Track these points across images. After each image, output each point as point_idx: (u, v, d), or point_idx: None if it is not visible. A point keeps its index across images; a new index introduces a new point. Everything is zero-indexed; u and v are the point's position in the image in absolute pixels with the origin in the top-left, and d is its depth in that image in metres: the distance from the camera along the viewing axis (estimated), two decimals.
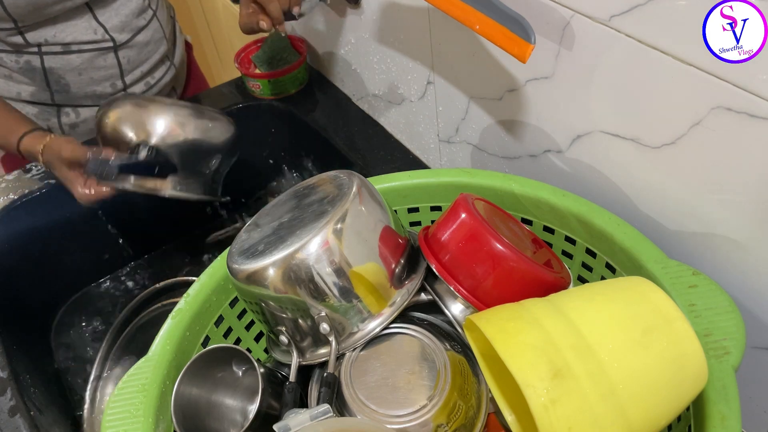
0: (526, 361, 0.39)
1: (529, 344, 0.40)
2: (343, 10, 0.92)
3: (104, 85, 0.98)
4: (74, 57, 0.93)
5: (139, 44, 0.99)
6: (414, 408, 0.48)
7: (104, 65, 0.96)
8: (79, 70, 0.94)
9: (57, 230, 0.93)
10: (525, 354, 0.40)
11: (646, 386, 0.39)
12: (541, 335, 0.41)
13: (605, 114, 0.55)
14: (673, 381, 0.39)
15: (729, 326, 0.45)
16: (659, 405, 0.39)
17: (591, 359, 0.39)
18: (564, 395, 0.38)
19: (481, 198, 0.58)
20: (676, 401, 0.40)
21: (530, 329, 0.41)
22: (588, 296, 0.44)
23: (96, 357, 0.86)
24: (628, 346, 0.39)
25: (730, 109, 0.44)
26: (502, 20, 0.52)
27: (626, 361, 0.39)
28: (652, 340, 0.39)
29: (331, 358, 0.52)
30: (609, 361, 0.39)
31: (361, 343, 0.53)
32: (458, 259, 0.52)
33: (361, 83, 1.00)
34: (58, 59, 0.92)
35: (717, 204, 0.50)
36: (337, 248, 0.50)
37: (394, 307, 0.53)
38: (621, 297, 0.43)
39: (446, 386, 0.49)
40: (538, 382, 0.38)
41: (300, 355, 0.54)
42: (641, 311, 0.41)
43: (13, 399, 0.66)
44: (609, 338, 0.40)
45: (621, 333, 0.40)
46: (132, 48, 0.98)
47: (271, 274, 0.50)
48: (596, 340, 0.39)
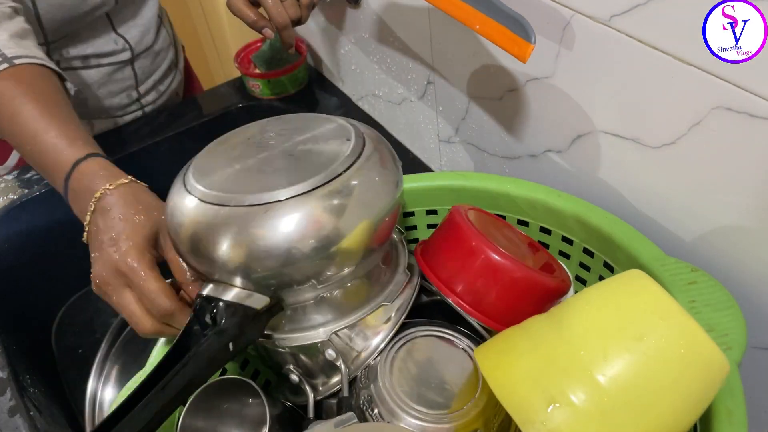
0: (520, 397, 0.39)
1: (523, 377, 0.40)
2: (343, 10, 0.92)
3: (121, 97, 0.99)
4: (93, 72, 0.93)
5: (153, 53, 0.99)
6: (453, 408, 0.47)
7: (122, 77, 0.97)
8: (99, 84, 0.94)
9: (57, 230, 0.93)
10: (518, 390, 0.40)
11: (650, 392, 0.37)
12: (537, 363, 0.40)
13: (605, 114, 0.55)
14: (681, 380, 0.38)
15: (729, 322, 0.45)
16: (672, 407, 0.37)
17: (585, 378, 0.38)
18: (562, 423, 0.37)
19: (473, 207, 0.57)
20: (692, 399, 0.38)
21: (525, 359, 0.41)
22: (583, 306, 0.42)
23: (96, 357, 0.86)
24: (624, 356, 0.38)
25: (730, 109, 0.44)
26: (502, 20, 0.52)
27: (623, 372, 0.37)
28: (648, 344, 0.38)
29: (344, 382, 0.50)
30: (606, 376, 0.37)
31: (371, 362, 0.51)
32: (457, 273, 0.51)
33: (361, 83, 1.00)
34: (76, 74, 0.91)
35: (717, 204, 0.50)
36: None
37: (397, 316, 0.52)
38: (613, 302, 0.41)
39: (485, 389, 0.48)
40: (534, 415, 0.38)
41: (313, 390, 0.53)
42: (634, 314, 0.40)
43: (13, 399, 0.66)
44: (603, 351, 0.38)
45: (615, 342, 0.39)
46: (147, 57, 0.98)
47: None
48: (591, 355, 0.38)
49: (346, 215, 0.43)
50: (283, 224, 0.42)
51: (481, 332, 0.52)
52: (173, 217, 0.45)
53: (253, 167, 0.46)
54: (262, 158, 0.47)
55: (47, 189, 0.91)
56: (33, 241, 0.91)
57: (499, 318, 0.50)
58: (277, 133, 0.51)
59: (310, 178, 0.43)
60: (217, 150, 0.50)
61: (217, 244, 0.43)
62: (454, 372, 0.50)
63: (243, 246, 0.42)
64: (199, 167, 0.48)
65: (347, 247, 0.44)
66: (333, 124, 0.51)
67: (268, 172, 0.45)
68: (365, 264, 0.48)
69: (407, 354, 0.51)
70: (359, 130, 0.50)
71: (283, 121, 0.53)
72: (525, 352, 0.42)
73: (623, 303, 0.41)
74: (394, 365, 0.50)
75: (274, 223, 0.42)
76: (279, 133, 0.50)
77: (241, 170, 0.46)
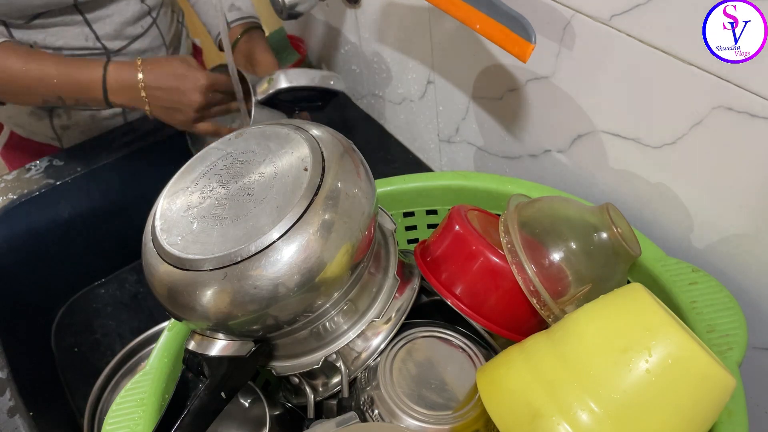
0: (506, 409, 0.40)
1: (511, 389, 0.40)
2: (343, 9, 0.92)
3: None
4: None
5: (134, 52, 0.97)
6: (454, 409, 0.47)
7: None
8: None
9: (57, 230, 0.93)
10: (505, 401, 0.40)
11: (636, 408, 0.36)
12: (526, 376, 0.40)
13: (606, 114, 0.55)
14: (675, 397, 0.36)
15: (730, 322, 0.45)
16: (661, 424, 0.36)
17: (572, 393, 0.37)
18: None
19: (474, 207, 0.57)
20: (685, 417, 0.37)
21: (516, 372, 0.41)
22: (579, 322, 0.42)
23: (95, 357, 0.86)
24: (612, 371, 0.37)
25: (730, 108, 0.44)
26: (502, 20, 0.52)
27: (610, 388, 0.37)
28: (637, 361, 0.37)
29: (344, 383, 0.50)
30: (593, 391, 0.37)
31: (371, 363, 0.51)
32: (457, 275, 0.51)
33: (361, 83, 1.00)
34: None
35: (718, 203, 0.50)
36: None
37: (397, 317, 0.52)
38: (608, 318, 0.41)
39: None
40: (518, 428, 0.38)
41: (313, 391, 0.52)
42: (626, 330, 0.39)
43: (13, 399, 0.66)
44: (591, 366, 0.38)
45: (603, 357, 0.38)
46: (126, 56, 0.96)
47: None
48: (579, 370, 0.38)
49: (328, 247, 0.42)
50: (258, 279, 0.41)
51: (481, 333, 0.52)
52: (149, 275, 0.46)
53: (214, 215, 0.45)
54: (222, 201, 0.45)
55: (47, 189, 0.91)
56: (33, 241, 0.91)
57: (498, 320, 0.50)
58: (236, 163, 0.49)
59: (275, 224, 0.42)
60: (178, 191, 0.48)
61: (193, 308, 0.43)
62: (454, 373, 0.50)
63: (218, 305, 0.42)
64: (165, 217, 0.46)
65: (327, 287, 0.43)
66: (291, 150, 0.47)
67: (230, 221, 0.44)
68: (348, 290, 0.47)
69: (407, 355, 0.51)
70: (318, 150, 0.46)
71: (242, 145, 0.50)
72: (517, 365, 0.42)
73: (618, 319, 0.40)
74: (394, 366, 0.50)
75: (244, 284, 0.41)
76: (239, 162, 0.49)
77: (205, 218, 0.45)
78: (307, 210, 0.42)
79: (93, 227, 0.97)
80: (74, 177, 0.92)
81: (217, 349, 0.45)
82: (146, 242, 0.46)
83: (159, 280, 0.44)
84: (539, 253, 0.48)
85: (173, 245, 0.44)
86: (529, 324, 0.50)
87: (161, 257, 0.44)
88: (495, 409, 0.40)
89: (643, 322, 0.38)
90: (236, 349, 0.46)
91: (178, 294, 0.43)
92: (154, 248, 0.45)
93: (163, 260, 0.44)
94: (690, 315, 0.46)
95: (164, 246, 0.44)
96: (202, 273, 0.42)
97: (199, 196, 0.46)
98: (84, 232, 0.96)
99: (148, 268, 0.45)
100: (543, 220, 0.51)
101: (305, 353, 0.50)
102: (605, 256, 0.49)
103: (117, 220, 0.98)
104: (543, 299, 0.47)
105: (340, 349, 0.50)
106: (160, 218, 0.46)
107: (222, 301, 0.42)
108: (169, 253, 0.43)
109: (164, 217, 0.46)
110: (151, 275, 0.45)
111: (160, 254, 0.44)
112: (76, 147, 0.97)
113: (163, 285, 0.44)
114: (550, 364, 0.40)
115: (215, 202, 0.45)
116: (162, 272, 0.44)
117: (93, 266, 0.99)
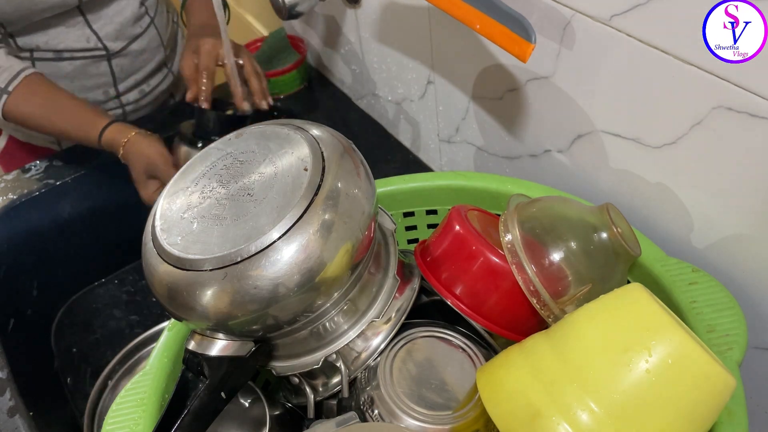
0: (506, 409, 0.40)
1: (511, 389, 0.40)
2: (343, 9, 0.92)
3: (96, 93, 0.98)
4: (66, 64, 0.92)
5: (134, 52, 0.98)
6: (454, 409, 0.47)
7: (96, 73, 0.96)
8: (71, 78, 0.94)
9: (57, 230, 0.93)
10: (505, 401, 0.40)
11: (635, 408, 0.36)
12: (526, 376, 0.40)
13: (606, 114, 0.55)
14: (674, 397, 0.36)
15: (730, 322, 0.45)
16: (657, 422, 0.36)
17: (571, 393, 0.37)
18: None
19: (474, 207, 0.57)
20: (682, 417, 0.36)
21: (516, 372, 0.41)
22: (579, 322, 0.42)
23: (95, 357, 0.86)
24: (611, 371, 0.37)
25: (731, 108, 0.44)
26: (502, 20, 0.52)
27: (610, 388, 0.37)
28: (633, 358, 0.37)
29: (344, 383, 0.50)
30: (592, 390, 0.37)
31: (371, 362, 0.51)
32: (457, 275, 0.51)
33: (361, 83, 1.00)
34: (49, 65, 0.91)
35: (718, 203, 0.50)
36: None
37: (397, 317, 0.51)
38: (607, 318, 0.40)
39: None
40: (518, 428, 0.38)
41: (313, 391, 0.52)
42: (625, 329, 0.39)
43: (13, 399, 0.66)
44: (590, 365, 0.38)
45: (602, 357, 0.38)
46: (126, 56, 0.97)
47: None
48: (577, 370, 0.38)
49: (328, 247, 0.42)
50: (257, 279, 0.41)
51: (481, 333, 0.52)
52: (149, 275, 0.46)
53: (214, 215, 0.44)
54: (222, 201, 0.45)
55: (47, 189, 0.91)
56: (33, 241, 0.91)
57: (498, 320, 0.50)
58: (236, 163, 0.48)
59: (275, 224, 0.41)
60: (178, 191, 0.48)
61: (193, 308, 0.43)
62: (454, 373, 0.50)
63: (218, 305, 0.42)
64: (165, 217, 0.46)
65: (327, 287, 0.43)
66: (291, 149, 0.47)
67: (230, 221, 0.43)
68: (348, 290, 0.47)
69: (407, 355, 0.51)
70: (318, 150, 0.46)
71: (242, 145, 0.50)
72: (517, 365, 0.42)
73: (618, 319, 0.40)
74: (394, 366, 0.50)
75: (244, 284, 0.41)
76: (239, 162, 0.48)
77: (205, 218, 0.44)
78: (307, 210, 0.42)
79: (93, 227, 0.97)
80: (74, 177, 0.92)
81: (217, 349, 0.45)
82: (146, 242, 0.46)
83: (159, 280, 0.44)
84: (539, 253, 0.48)
85: (173, 245, 0.44)
86: (529, 324, 0.50)
87: (161, 257, 0.44)
88: (495, 409, 0.40)
89: (643, 322, 0.38)
90: (236, 349, 0.46)
91: (178, 294, 0.43)
92: (154, 248, 0.45)
93: (163, 260, 0.44)
94: (690, 315, 0.46)
95: (164, 246, 0.44)
96: (202, 273, 0.42)
97: (199, 196, 0.46)
98: (84, 232, 0.96)
99: (148, 268, 0.45)
100: (543, 220, 0.51)
101: (305, 353, 0.50)
102: (605, 256, 0.49)
103: (117, 220, 0.98)
104: (543, 299, 0.47)
105: (340, 349, 0.50)
106: (160, 218, 0.46)
107: (222, 301, 0.42)
108: (169, 253, 0.43)
109: (164, 217, 0.46)
110: (151, 275, 0.45)
111: (160, 254, 0.44)
112: (76, 147, 0.97)
113: (163, 285, 0.44)
114: (550, 364, 0.40)
115: (215, 202, 0.45)
116: (162, 272, 0.44)
117: (93, 266, 0.99)
